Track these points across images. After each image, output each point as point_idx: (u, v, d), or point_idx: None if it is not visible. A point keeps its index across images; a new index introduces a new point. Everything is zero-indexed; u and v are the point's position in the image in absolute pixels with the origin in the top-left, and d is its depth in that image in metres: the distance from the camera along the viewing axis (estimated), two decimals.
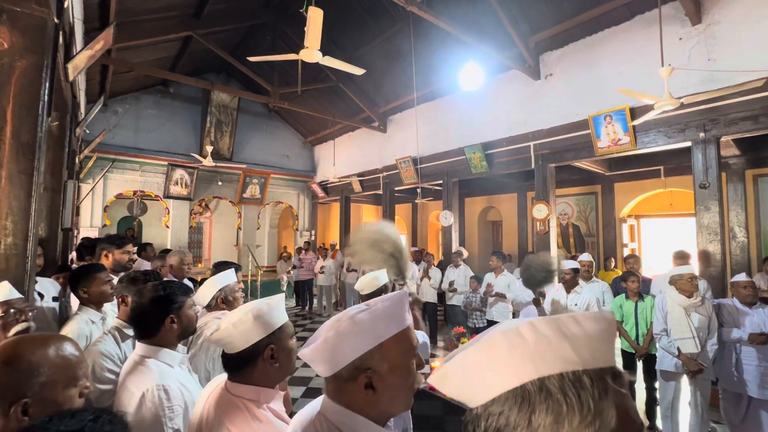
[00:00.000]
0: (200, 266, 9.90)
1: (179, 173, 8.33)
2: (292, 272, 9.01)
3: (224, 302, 2.04)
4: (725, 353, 3.00)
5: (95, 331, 1.87)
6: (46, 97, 1.98)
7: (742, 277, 3.08)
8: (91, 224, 7.50)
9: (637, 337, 3.54)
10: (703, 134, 4.07)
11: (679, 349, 2.97)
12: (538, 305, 3.46)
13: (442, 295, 6.05)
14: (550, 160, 5.45)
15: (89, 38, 3.83)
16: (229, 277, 2.12)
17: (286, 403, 1.22)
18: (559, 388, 0.38)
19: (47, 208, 3.24)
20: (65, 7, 2.49)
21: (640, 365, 3.61)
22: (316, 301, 8.57)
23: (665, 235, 7.69)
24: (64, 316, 2.51)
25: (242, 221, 9.86)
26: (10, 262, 1.80)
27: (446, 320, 6.56)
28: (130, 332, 1.64)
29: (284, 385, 1.42)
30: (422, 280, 6.16)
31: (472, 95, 6.21)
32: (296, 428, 0.82)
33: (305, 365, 5.05)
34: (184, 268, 3.03)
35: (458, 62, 5.32)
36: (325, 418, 0.77)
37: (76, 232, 6.65)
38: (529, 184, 7.77)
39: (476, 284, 5.15)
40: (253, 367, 1.09)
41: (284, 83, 7.87)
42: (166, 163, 8.18)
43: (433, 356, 2.52)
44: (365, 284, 2.29)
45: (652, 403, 3.49)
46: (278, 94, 7.18)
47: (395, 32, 6.18)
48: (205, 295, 2.02)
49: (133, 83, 7.66)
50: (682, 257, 4.03)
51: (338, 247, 9.52)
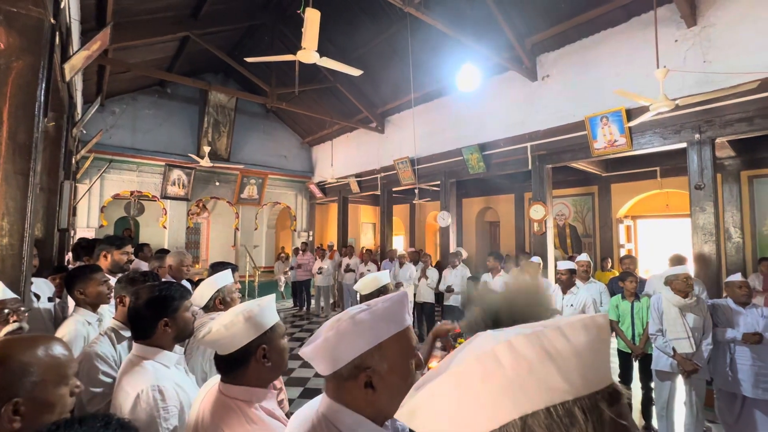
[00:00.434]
0: (198, 267, 9.88)
1: (176, 174, 8.31)
2: (289, 273, 9.00)
3: (222, 303, 2.03)
4: (720, 353, 3.02)
5: (92, 332, 1.87)
6: (42, 97, 1.98)
7: (736, 277, 3.10)
8: (87, 225, 7.47)
9: (633, 337, 3.56)
10: (698, 135, 4.10)
11: (674, 349, 2.99)
12: None
13: (439, 295, 6.06)
14: (547, 160, 5.47)
15: (86, 39, 3.82)
16: (226, 277, 2.12)
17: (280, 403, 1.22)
18: (546, 429, 0.31)
19: (43, 208, 3.23)
20: (62, 7, 2.48)
21: (636, 365, 3.63)
22: (313, 301, 8.56)
23: (661, 235, 7.73)
24: (60, 317, 2.50)
25: (240, 222, 9.84)
26: (5, 262, 1.80)
27: (444, 321, 6.57)
28: (126, 333, 1.63)
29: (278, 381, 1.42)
30: (419, 280, 6.17)
31: (469, 96, 6.23)
32: (295, 427, 0.82)
33: (303, 366, 5.05)
34: (183, 269, 3.02)
35: (455, 63, 5.34)
36: (323, 416, 0.78)
37: (72, 232, 6.62)
38: (526, 184, 7.80)
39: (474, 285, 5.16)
40: (245, 367, 1.09)
41: (282, 84, 7.87)
42: (163, 163, 8.16)
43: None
44: (365, 284, 2.29)
45: (648, 402, 3.51)
46: (276, 94, 7.18)
47: (393, 33, 6.19)
48: (202, 295, 2.01)
49: (130, 83, 7.64)
50: (678, 261, 4.04)
51: (336, 247, 9.52)
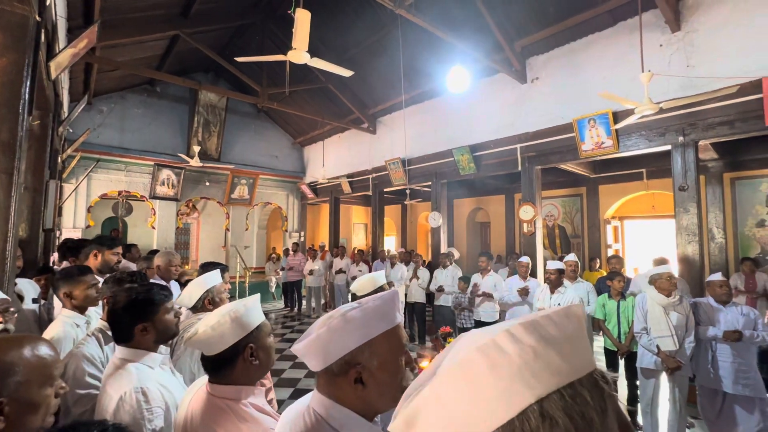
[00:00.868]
0: (187, 267, 9.77)
1: (166, 173, 8.22)
2: (280, 273, 8.96)
3: (211, 303, 2.02)
4: (702, 350, 3.10)
5: (80, 334, 1.84)
6: (27, 95, 1.95)
7: (717, 276, 3.18)
8: (74, 225, 7.35)
9: (619, 335, 3.63)
10: (682, 138, 4.20)
11: (658, 346, 3.05)
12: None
13: (430, 295, 6.09)
14: (536, 162, 5.55)
15: (73, 36, 3.77)
16: (215, 277, 2.11)
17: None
18: (562, 410, 0.32)
19: (28, 208, 3.17)
20: (47, 4, 2.45)
21: (621, 363, 3.69)
22: (304, 302, 8.54)
23: (647, 236, 7.88)
24: (45, 318, 2.46)
25: (230, 222, 9.76)
26: None
27: (435, 320, 6.60)
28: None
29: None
30: (411, 280, 6.19)
31: (460, 97, 6.28)
32: (285, 422, 0.83)
33: (294, 366, 5.04)
34: (171, 269, 2.99)
35: (446, 65, 5.38)
36: (314, 411, 0.79)
37: (58, 233, 6.51)
38: (516, 185, 7.88)
39: (464, 285, 5.21)
40: (233, 367, 1.10)
41: (273, 83, 7.83)
42: (152, 163, 8.06)
43: (420, 356, 2.54)
44: (362, 285, 2.32)
45: (633, 399, 3.57)
46: (267, 94, 7.14)
47: (384, 34, 6.22)
48: (191, 296, 2.00)
49: (118, 82, 7.53)
50: (661, 264, 4.14)
51: (327, 248, 9.51)
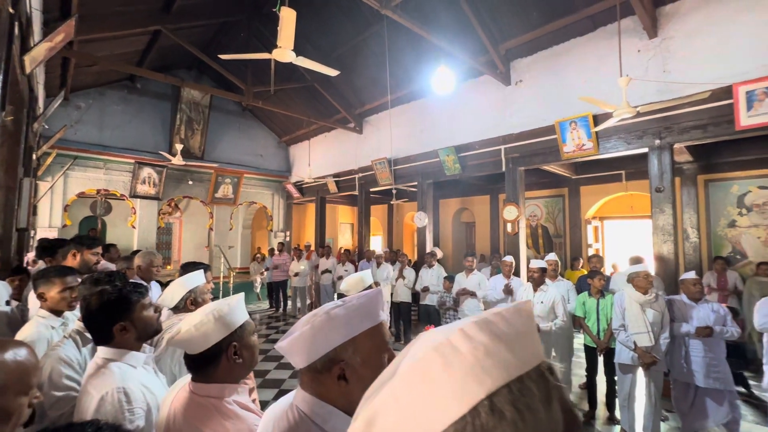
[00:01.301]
0: (169, 268, 9.57)
1: (147, 172, 8.03)
2: (265, 274, 8.87)
3: (193, 304, 1.99)
4: (676, 346, 3.22)
5: (56, 336, 1.79)
6: None
7: (690, 275, 3.31)
8: (50, 224, 7.11)
9: (598, 332, 3.73)
10: (658, 141, 4.34)
11: (635, 342, 3.15)
12: None
13: (416, 295, 6.14)
14: (520, 163, 5.65)
15: (49, 29, 3.65)
16: (198, 278, 2.09)
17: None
18: (510, 404, 0.34)
19: (1, 207, 3.06)
20: None
21: (601, 359, 3.80)
22: (290, 302, 8.47)
23: (626, 236, 8.11)
24: (19, 320, 2.38)
25: (214, 222, 9.61)
26: None
27: (420, 319, 6.65)
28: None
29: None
30: (397, 280, 6.22)
31: (445, 99, 6.34)
32: (269, 420, 0.84)
33: (278, 367, 5.00)
34: (152, 270, 2.93)
35: (432, 66, 5.43)
36: (297, 408, 0.80)
37: (33, 232, 6.29)
38: (500, 186, 7.99)
39: (449, 284, 5.26)
40: (217, 365, 1.10)
41: (258, 81, 7.75)
42: (132, 161, 7.87)
43: None
44: (350, 285, 2.36)
45: (612, 394, 3.68)
46: (252, 92, 7.06)
47: (371, 34, 6.23)
48: (173, 296, 1.97)
49: (97, 77, 7.33)
50: (636, 262, 4.29)
51: (313, 248, 9.45)
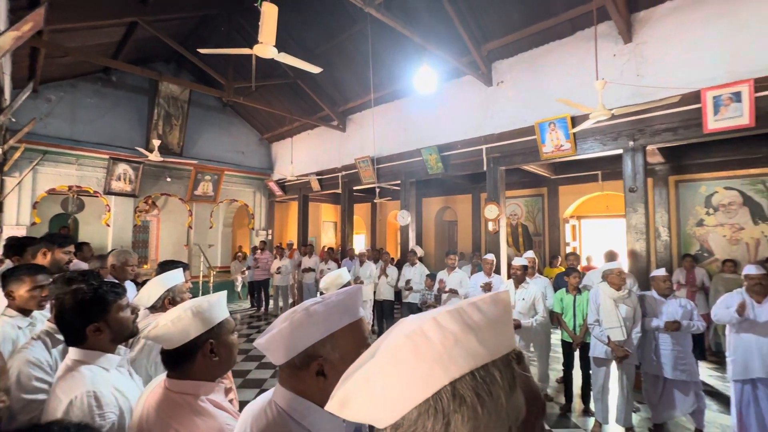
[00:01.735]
0: (146, 267, 9.31)
1: (122, 168, 7.78)
2: (247, 272, 8.74)
3: (171, 303, 1.95)
4: (647, 340, 3.35)
5: (22, 337, 1.73)
6: None
7: (661, 272, 3.46)
8: (17, 222, 6.80)
9: (574, 327, 3.85)
10: (632, 143, 4.50)
11: (609, 337, 3.27)
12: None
13: (399, 292, 6.17)
14: (500, 163, 5.75)
15: (16, 17, 3.48)
16: (177, 276, 2.04)
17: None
18: (472, 390, 0.36)
19: None
20: None
21: (577, 354, 3.91)
22: (271, 301, 8.37)
23: (602, 234, 8.37)
24: None
25: (193, 220, 9.39)
26: None
27: (403, 317, 6.71)
28: (62, 337, 1.53)
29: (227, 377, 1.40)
30: (380, 278, 6.24)
31: (428, 98, 6.38)
32: (247, 417, 0.84)
33: (260, 367, 4.94)
34: (127, 269, 2.85)
35: (415, 65, 5.46)
36: (276, 404, 0.80)
37: None
38: (482, 185, 8.12)
39: (431, 282, 5.32)
40: (192, 362, 1.09)
41: (239, 77, 7.61)
42: (107, 156, 7.60)
43: None
44: (328, 283, 2.38)
45: (587, 387, 3.80)
46: (233, 88, 6.93)
47: (355, 32, 6.20)
48: (150, 295, 1.93)
49: (69, 69, 7.04)
50: (611, 256, 4.46)
51: (296, 246, 9.37)
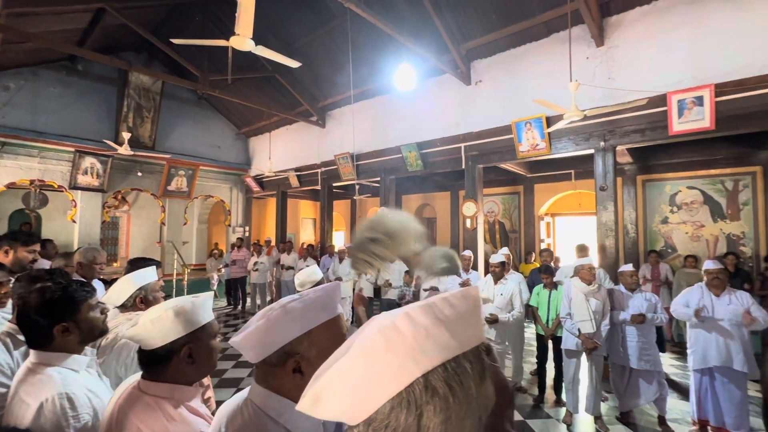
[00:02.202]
0: (116, 265, 8.95)
1: (89, 161, 7.43)
2: (223, 270, 8.55)
3: (143, 302, 1.89)
4: (614, 333, 3.51)
5: None
6: None
7: (628, 267, 3.62)
8: None
9: (547, 321, 3.98)
10: (603, 143, 4.67)
11: (579, 329, 3.40)
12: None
13: (378, 289, 6.19)
14: (478, 161, 5.84)
15: None
16: (149, 274, 1.98)
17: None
18: (444, 381, 0.37)
19: None
20: None
21: (551, 347, 4.05)
22: (249, 299, 8.23)
23: (575, 231, 8.66)
24: None
25: (166, 216, 9.09)
26: None
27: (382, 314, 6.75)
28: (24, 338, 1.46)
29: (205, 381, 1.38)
30: (359, 275, 6.24)
31: (408, 95, 6.41)
32: (222, 416, 0.83)
33: (237, 366, 4.86)
34: (95, 267, 2.72)
35: (395, 62, 5.46)
36: (252, 403, 0.79)
37: None
38: (460, 183, 8.24)
39: (409, 278, 5.36)
40: (167, 365, 1.06)
41: (215, 69, 7.40)
42: (72, 149, 7.24)
43: None
44: (301, 281, 2.37)
45: (559, 379, 3.94)
46: (208, 80, 6.73)
47: (334, 27, 6.14)
48: (120, 294, 1.85)
49: (30, 56, 6.64)
50: (582, 249, 4.63)
51: (273, 243, 9.24)
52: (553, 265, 4.81)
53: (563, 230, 8.72)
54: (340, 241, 12.30)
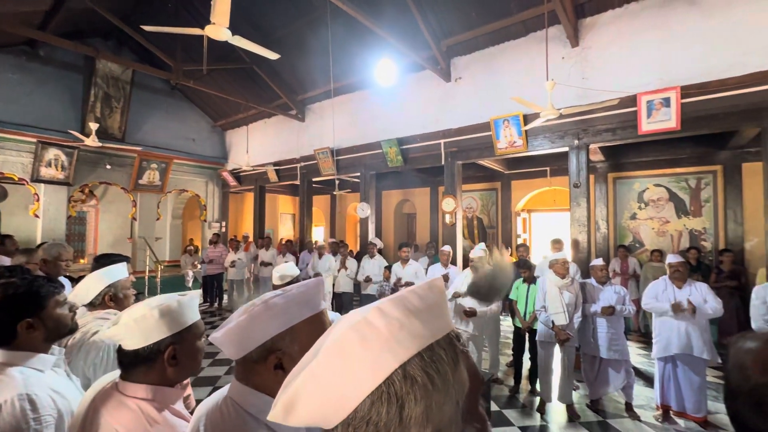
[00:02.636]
0: (83, 262, 8.56)
1: (53, 153, 7.05)
2: (199, 266, 8.33)
3: (113, 300, 1.81)
4: (586, 324, 3.65)
5: None
6: None
7: (599, 261, 3.76)
8: None
9: (525, 314, 4.09)
10: (576, 141, 4.82)
11: (553, 321, 3.52)
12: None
13: (358, 285, 6.19)
14: (458, 157, 5.91)
15: None
16: (120, 271, 1.90)
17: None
18: (422, 369, 0.37)
19: None
20: None
21: (527, 339, 4.16)
22: (226, 296, 8.06)
23: (550, 227, 8.92)
24: None
25: (138, 211, 8.75)
26: None
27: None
28: None
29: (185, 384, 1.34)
30: (339, 271, 6.22)
31: (389, 91, 6.39)
32: (201, 415, 0.80)
33: (213, 364, 4.77)
34: (60, 264, 2.60)
35: (376, 57, 5.44)
36: (231, 400, 0.78)
37: None
38: (440, 179, 8.31)
39: (388, 273, 5.39)
40: (151, 366, 1.01)
41: (189, 59, 7.16)
42: (34, 140, 6.85)
43: None
44: (276, 277, 2.35)
45: (534, 370, 4.06)
46: (182, 70, 6.50)
47: (314, 18, 6.04)
48: (88, 291, 1.77)
49: None
50: (557, 243, 4.78)
51: (251, 239, 9.07)
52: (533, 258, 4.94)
53: (539, 226, 8.96)
54: (319, 236, 12.20)
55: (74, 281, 3.20)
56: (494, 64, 5.49)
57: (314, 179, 8.12)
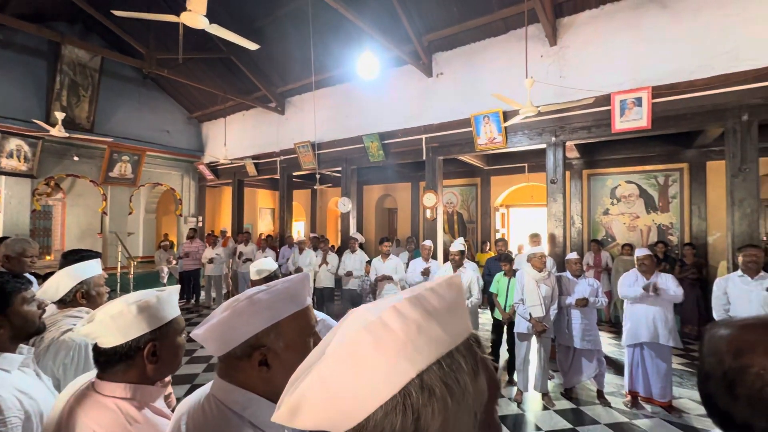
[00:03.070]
0: (49, 258, 8.16)
1: (15, 143, 6.66)
2: (175, 262, 8.09)
3: (84, 297, 1.74)
4: (562, 316, 3.78)
5: None
6: None
7: (573, 255, 3.89)
8: None
9: (505, 306, 4.19)
10: (554, 138, 4.94)
11: (530, 314, 3.62)
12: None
13: (339, 280, 6.17)
14: (439, 152, 5.95)
15: None
16: (92, 268, 1.82)
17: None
18: (440, 380, 0.34)
19: None
20: None
21: (506, 331, 4.27)
22: (203, 293, 7.88)
23: (527, 222, 9.14)
24: None
25: (108, 205, 8.40)
26: None
27: (343, 304, 6.73)
28: None
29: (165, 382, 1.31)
30: (320, 266, 6.17)
31: (370, 85, 6.35)
32: (182, 413, 0.79)
33: (191, 362, 4.67)
34: (25, 260, 2.46)
35: (357, 50, 5.38)
36: (214, 398, 0.76)
37: None
38: (421, 174, 8.34)
39: (369, 268, 5.40)
40: (129, 364, 0.98)
41: (163, 47, 6.89)
42: None
43: None
44: (260, 269, 2.31)
45: (512, 361, 4.17)
46: (155, 58, 6.25)
47: (294, 9, 5.92)
48: (58, 288, 1.69)
49: None
50: (534, 237, 4.92)
51: (230, 234, 8.88)
52: (514, 251, 5.06)
53: (517, 221, 9.17)
54: (300, 231, 12.07)
55: (41, 278, 3.06)
56: (475, 60, 5.54)
57: (294, 173, 8.01)
